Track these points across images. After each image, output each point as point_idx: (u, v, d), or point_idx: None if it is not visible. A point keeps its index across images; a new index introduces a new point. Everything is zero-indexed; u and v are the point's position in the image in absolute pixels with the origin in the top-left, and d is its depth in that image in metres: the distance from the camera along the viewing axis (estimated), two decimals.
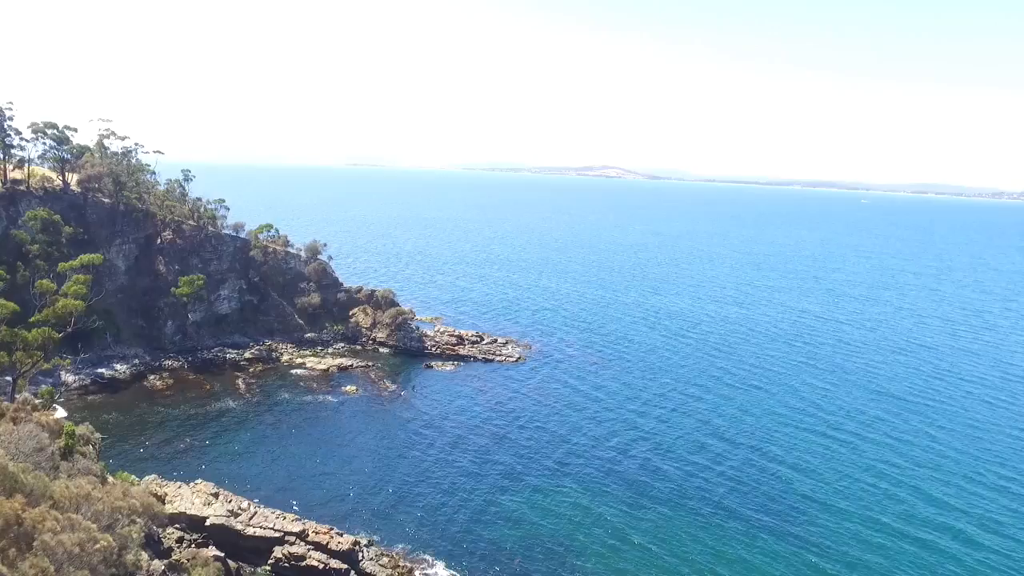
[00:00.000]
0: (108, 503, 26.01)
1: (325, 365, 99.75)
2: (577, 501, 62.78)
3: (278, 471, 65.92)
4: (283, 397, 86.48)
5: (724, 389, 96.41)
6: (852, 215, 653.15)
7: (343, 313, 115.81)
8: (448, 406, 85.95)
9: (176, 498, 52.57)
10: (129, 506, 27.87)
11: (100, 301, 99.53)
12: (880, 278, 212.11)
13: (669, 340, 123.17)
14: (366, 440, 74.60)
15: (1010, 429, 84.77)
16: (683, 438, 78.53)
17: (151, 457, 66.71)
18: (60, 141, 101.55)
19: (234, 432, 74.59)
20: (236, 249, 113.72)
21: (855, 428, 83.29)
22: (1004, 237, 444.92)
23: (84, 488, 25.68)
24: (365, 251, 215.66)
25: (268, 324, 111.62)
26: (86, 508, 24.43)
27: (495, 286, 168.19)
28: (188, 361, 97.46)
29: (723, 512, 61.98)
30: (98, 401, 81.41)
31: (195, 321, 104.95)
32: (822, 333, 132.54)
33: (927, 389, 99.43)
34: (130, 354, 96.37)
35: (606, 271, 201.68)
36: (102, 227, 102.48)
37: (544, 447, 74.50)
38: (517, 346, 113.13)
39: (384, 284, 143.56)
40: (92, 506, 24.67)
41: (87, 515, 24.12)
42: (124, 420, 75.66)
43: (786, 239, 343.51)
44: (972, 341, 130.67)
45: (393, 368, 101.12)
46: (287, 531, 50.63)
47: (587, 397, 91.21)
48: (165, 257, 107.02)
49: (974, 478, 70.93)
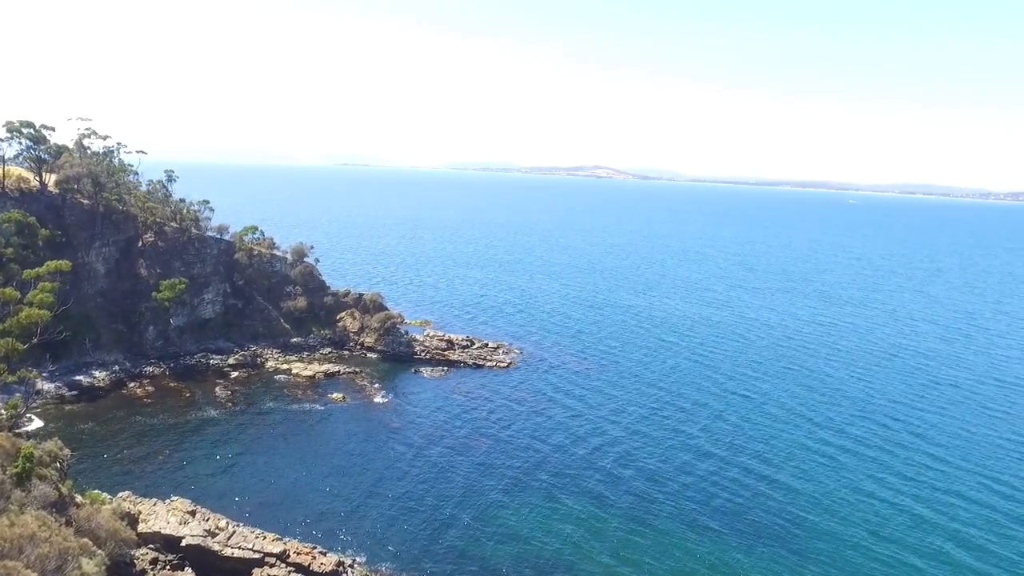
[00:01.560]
0: (56, 544, 23.70)
1: (311, 371, 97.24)
2: (569, 516, 60.78)
3: (260, 485, 63.44)
4: (267, 406, 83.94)
5: (713, 397, 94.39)
6: (841, 215, 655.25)
7: (330, 317, 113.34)
8: (438, 415, 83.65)
9: (151, 516, 50.15)
10: (80, 546, 25.51)
11: (79, 306, 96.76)
12: (871, 280, 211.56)
13: (660, 343, 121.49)
14: (352, 452, 72.27)
15: (1006, 438, 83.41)
16: (673, 449, 76.47)
17: (127, 471, 64.06)
18: (37, 141, 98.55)
19: (215, 444, 72.02)
20: (220, 252, 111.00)
21: (846, 439, 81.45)
22: (993, 238, 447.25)
23: (29, 527, 23.32)
24: (353, 252, 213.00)
25: (253, 329, 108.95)
26: (30, 550, 22.11)
27: (485, 287, 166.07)
28: (170, 367, 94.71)
29: (722, 523, 60.17)
30: (75, 410, 78.60)
31: (178, 326, 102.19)
32: (812, 337, 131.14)
33: (920, 397, 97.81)
34: (110, 360, 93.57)
35: (596, 272, 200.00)
36: (81, 229, 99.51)
37: (534, 460, 72.37)
38: (508, 351, 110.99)
39: (372, 287, 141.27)
40: (37, 548, 22.36)
41: (31, 559, 21.83)
42: (101, 431, 72.97)
43: (776, 240, 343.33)
44: (965, 347, 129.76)
45: (381, 374, 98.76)
46: (267, 552, 48.33)
47: (578, 406, 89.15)
48: (146, 260, 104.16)
49: (968, 490, 69.46)
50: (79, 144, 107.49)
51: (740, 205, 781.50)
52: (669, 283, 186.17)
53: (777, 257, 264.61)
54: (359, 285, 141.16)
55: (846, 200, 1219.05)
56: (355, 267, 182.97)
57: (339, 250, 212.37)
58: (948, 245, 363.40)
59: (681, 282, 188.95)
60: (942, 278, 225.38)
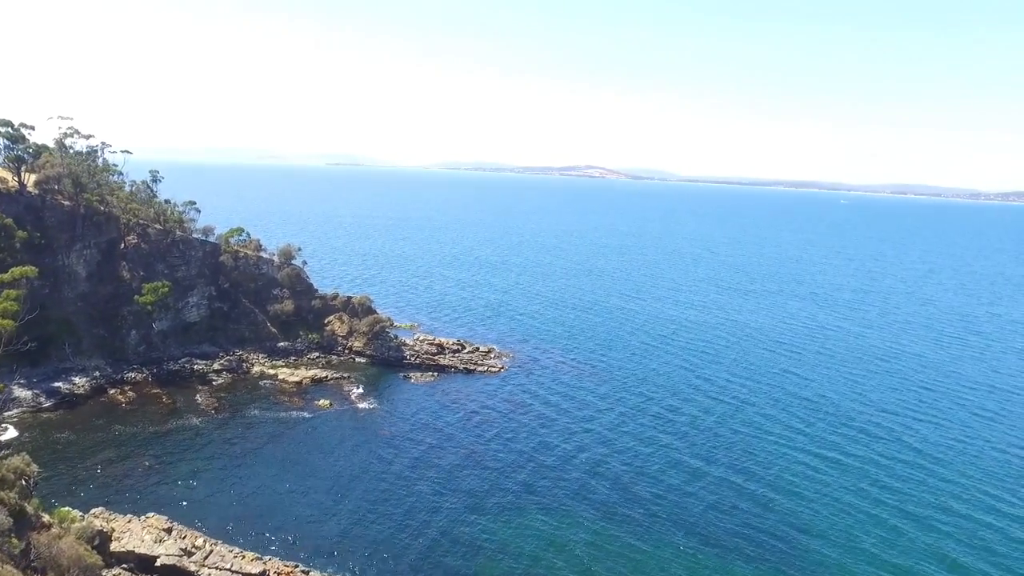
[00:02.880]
0: None
1: (298, 377, 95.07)
2: (580, 529, 58.92)
3: (241, 499, 61.14)
4: (252, 414, 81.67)
5: (703, 401, 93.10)
6: (834, 216, 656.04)
7: (318, 321, 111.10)
8: (426, 424, 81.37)
9: (125, 534, 48.02)
10: None
11: (59, 310, 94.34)
12: (864, 282, 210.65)
13: (651, 347, 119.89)
14: (339, 462, 70.10)
15: (1001, 444, 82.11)
16: (657, 456, 75.02)
17: (103, 484, 61.71)
18: (15, 140, 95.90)
19: (196, 455, 69.70)
20: (205, 254, 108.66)
21: (837, 447, 79.59)
22: (983, 238, 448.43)
23: None
24: (342, 253, 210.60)
25: (239, 333, 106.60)
26: None
27: (477, 289, 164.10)
28: (153, 373, 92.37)
29: (697, 538, 58.37)
30: (52, 419, 76.17)
31: (161, 330, 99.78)
32: (805, 340, 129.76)
33: (914, 402, 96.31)
34: (90, 366, 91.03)
35: (587, 274, 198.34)
36: (61, 231, 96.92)
37: (532, 474, 70.24)
38: (500, 356, 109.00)
39: (361, 289, 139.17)
40: None
41: None
42: (78, 440, 70.59)
43: (768, 241, 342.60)
44: (960, 350, 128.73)
45: (370, 380, 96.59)
46: (246, 572, 46.28)
47: (568, 413, 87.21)
48: (129, 263, 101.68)
49: (963, 498, 68.02)
50: (59, 143, 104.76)
51: (732, 205, 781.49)
52: (661, 285, 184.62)
53: (769, 258, 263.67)
54: (348, 288, 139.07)
55: (837, 200, 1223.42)
56: (344, 269, 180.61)
57: (328, 251, 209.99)
58: (940, 246, 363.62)
59: (673, 284, 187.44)
60: (935, 279, 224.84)
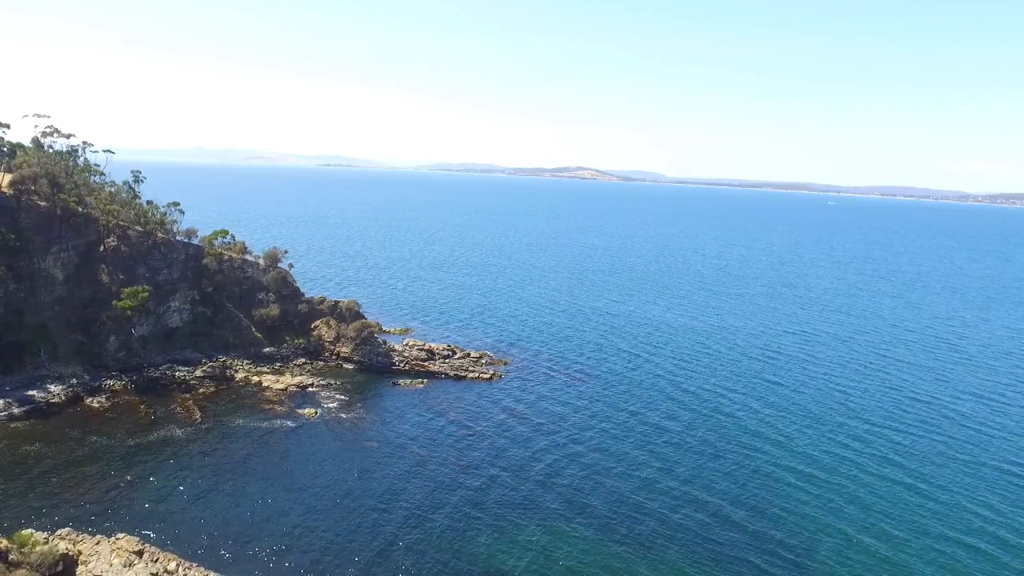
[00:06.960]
0: None
1: (284, 384, 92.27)
2: (577, 543, 56.62)
3: (219, 517, 58.18)
4: (235, 423, 78.76)
5: (691, 409, 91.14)
6: (823, 217, 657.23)
7: (304, 326, 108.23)
8: (414, 435, 78.43)
9: (92, 557, 45.26)
10: None
11: (34, 315, 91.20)
12: (853, 286, 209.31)
13: (642, 352, 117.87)
14: (322, 477, 67.31)
15: (993, 458, 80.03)
16: (646, 466, 73.02)
17: (73, 501, 58.64)
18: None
19: (175, 468, 66.72)
20: (188, 257, 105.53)
21: (826, 461, 77.53)
22: (972, 240, 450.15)
23: None
24: (331, 255, 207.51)
25: (223, 338, 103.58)
26: None
27: (467, 292, 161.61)
28: (132, 381, 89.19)
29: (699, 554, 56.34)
30: (23, 429, 72.97)
31: (142, 336, 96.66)
32: (794, 347, 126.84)
33: (904, 413, 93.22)
34: (67, 373, 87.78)
35: (578, 277, 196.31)
36: (37, 233, 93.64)
37: (527, 487, 67.99)
38: (491, 362, 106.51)
39: (348, 293, 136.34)
40: None
41: None
42: (49, 453, 67.49)
43: (756, 243, 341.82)
44: (953, 354, 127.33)
45: (357, 387, 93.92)
46: None
47: (562, 420, 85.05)
48: (108, 266, 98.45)
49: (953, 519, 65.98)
50: (37, 142, 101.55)
51: (723, 207, 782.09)
52: (651, 288, 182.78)
53: (758, 261, 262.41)
54: (335, 291, 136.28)
55: (825, 202, 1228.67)
56: (332, 272, 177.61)
57: (315, 253, 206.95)
58: (929, 248, 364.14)
59: (662, 287, 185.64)
60: (922, 283, 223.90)
